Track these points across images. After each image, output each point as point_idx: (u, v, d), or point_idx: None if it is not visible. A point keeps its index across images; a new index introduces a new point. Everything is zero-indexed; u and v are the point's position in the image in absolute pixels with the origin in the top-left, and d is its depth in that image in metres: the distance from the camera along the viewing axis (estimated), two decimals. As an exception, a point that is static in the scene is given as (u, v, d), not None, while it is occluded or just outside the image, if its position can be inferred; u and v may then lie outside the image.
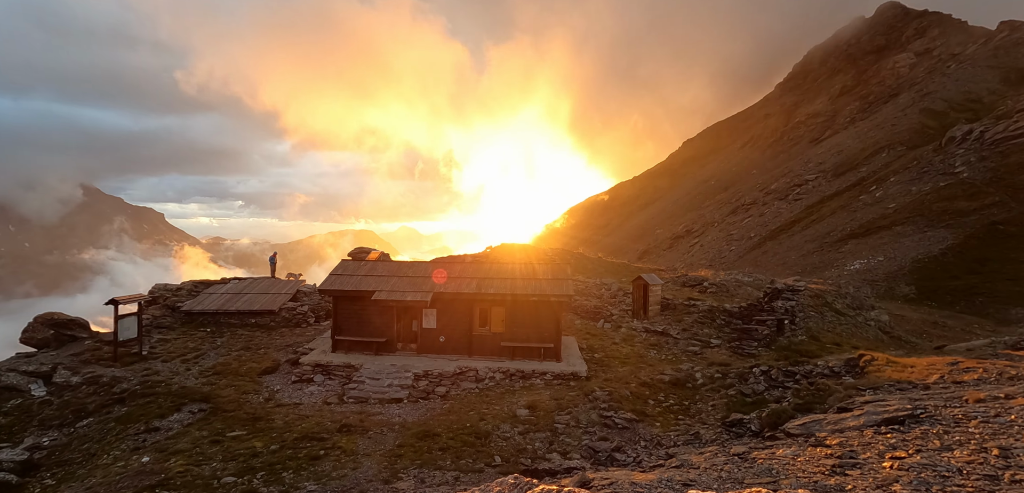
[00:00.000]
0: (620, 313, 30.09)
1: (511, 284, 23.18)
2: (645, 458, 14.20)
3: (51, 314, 24.64)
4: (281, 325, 28.05)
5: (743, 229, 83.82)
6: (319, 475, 13.71)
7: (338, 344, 23.15)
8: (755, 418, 15.32)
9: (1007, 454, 7.16)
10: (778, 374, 19.47)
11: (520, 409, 17.87)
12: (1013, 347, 22.68)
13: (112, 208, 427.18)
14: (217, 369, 21.73)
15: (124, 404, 18.27)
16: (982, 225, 52.98)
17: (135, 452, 15.43)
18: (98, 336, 24.60)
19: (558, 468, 13.98)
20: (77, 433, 16.96)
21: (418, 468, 14.08)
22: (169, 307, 28.79)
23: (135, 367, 21.38)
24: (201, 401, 18.33)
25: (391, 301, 22.47)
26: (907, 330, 32.59)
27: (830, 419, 10.93)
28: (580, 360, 22.55)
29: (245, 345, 24.91)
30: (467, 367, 21.17)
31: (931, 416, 9.81)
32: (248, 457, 14.61)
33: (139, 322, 23.26)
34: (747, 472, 7.89)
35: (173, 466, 14.19)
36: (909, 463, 7.15)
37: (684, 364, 22.23)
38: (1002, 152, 65.06)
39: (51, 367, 20.44)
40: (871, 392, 14.46)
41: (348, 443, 15.43)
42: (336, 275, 24.56)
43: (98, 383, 19.53)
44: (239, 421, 16.99)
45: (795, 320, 26.36)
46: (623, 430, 16.67)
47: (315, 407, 18.53)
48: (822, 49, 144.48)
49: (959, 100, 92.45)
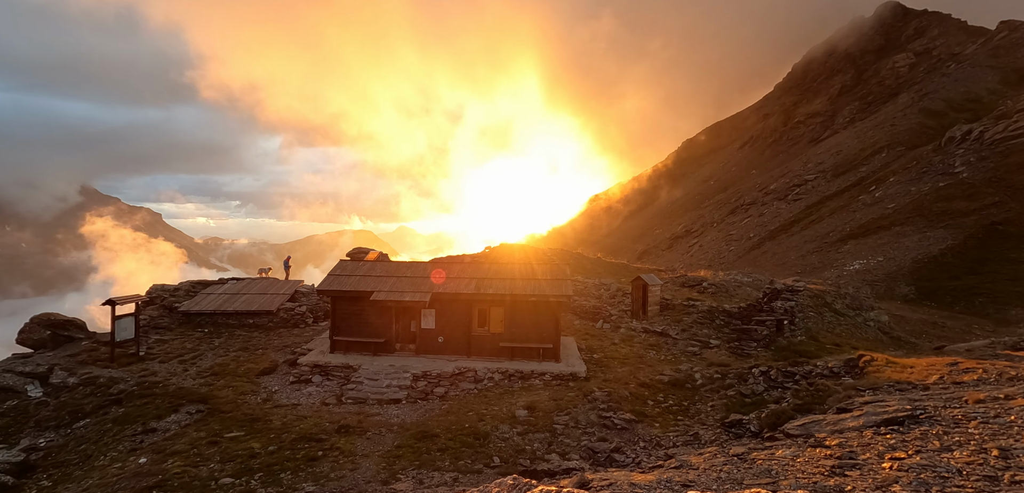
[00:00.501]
0: (619, 313, 30.05)
1: (510, 284, 23.13)
2: (644, 459, 14.16)
3: (48, 315, 24.62)
4: (279, 325, 27.98)
5: (742, 229, 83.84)
6: (317, 476, 13.67)
7: (336, 345, 23.09)
8: (754, 419, 15.30)
9: (1007, 455, 7.14)
10: (777, 375, 19.43)
11: (519, 410, 17.82)
12: (1013, 348, 22.65)
13: (109, 208, 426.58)
14: (215, 370, 21.67)
15: (121, 405, 18.22)
16: (982, 225, 52.99)
17: (132, 453, 15.38)
18: (95, 337, 24.56)
19: (557, 469, 13.93)
20: (74, 434, 16.90)
21: (417, 469, 14.04)
22: (166, 307, 28.72)
23: (132, 368, 21.34)
24: (199, 402, 18.27)
25: (389, 301, 22.42)
26: (906, 331, 32.56)
27: (829, 420, 10.91)
28: (579, 361, 22.51)
29: (243, 346, 24.86)
30: (466, 368, 21.12)
31: (931, 417, 9.77)
32: (246, 458, 14.57)
33: (136, 323, 23.21)
34: (746, 473, 7.86)
35: (170, 467, 14.14)
36: (909, 464, 7.12)
37: (683, 365, 22.19)
38: (1002, 152, 65.10)
39: (48, 368, 20.39)
40: (870, 393, 14.42)
41: (346, 444, 15.39)
42: (334, 275, 24.50)
43: (95, 384, 19.47)
44: (237, 422, 16.93)
45: (794, 321, 26.33)
46: (622, 431, 16.62)
47: (313, 408, 18.48)
48: (821, 49, 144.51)
49: (958, 100, 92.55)
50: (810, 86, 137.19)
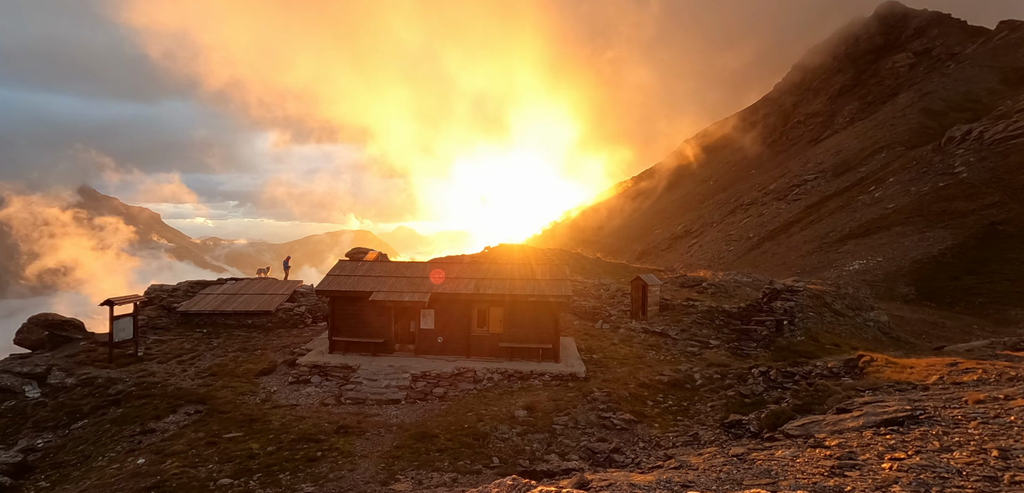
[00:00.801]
0: (619, 314, 30.02)
1: (509, 284, 23.09)
2: (644, 459, 14.12)
3: (46, 315, 24.55)
4: (278, 326, 27.93)
5: (742, 229, 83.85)
6: (316, 477, 13.63)
7: (335, 345, 23.04)
8: (754, 419, 15.26)
9: (1007, 455, 7.12)
10: (777, 375, 19.39)
11: (518, 410, 17.77)
12: (1013, 348, 22.65)
13: (108, 208, 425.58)
14: (213, 370, 21.61)
15: (119, 406, 18.16)
16: (981, 225, 52.97)
17: (130, 454, 15.33)
18: (93, 337, 24.47)
19: (556, 469, 13.91)
20: (72, 435, 16.86)
21: (416, 469, 14.00)
22: (165, 308, 28.64)
23: (130, 368, 21.27)
24: (197, 402, 18.22)
25: (389, 302, 22.37)
26: (906, 331, 32.55)
27: (829, 420, 10.89)
28: (578, 361, 22.47)
29: (242, 346, 24.81)
30: (465, 368, 21.07)
31: (930, 417, 9.76)
32: (245, 459, 14.53)
33: (135, 323, 23.16)
34: (746, 473, 7.84)
35: (169, 468, 14.09)
36: (908, 464, 7.11)
37: (683, 365, 22.15)
38: (1001, 152, 65.13)
39: (45, 368, 20.33)
40: (870, 393, 14.40)
41: (345, 444, 15.35)
42: (333, 276, 24.46)
43: (93, 384, 19.42)
44: (235, 422, 16.88)
45: (794, 321, 26.30)
46: (621, 431, 16.58)
47: (312, 408, 18.44)
48: (821, 49, 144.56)
49: (958, 100, 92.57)
50: (810, 86, 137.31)
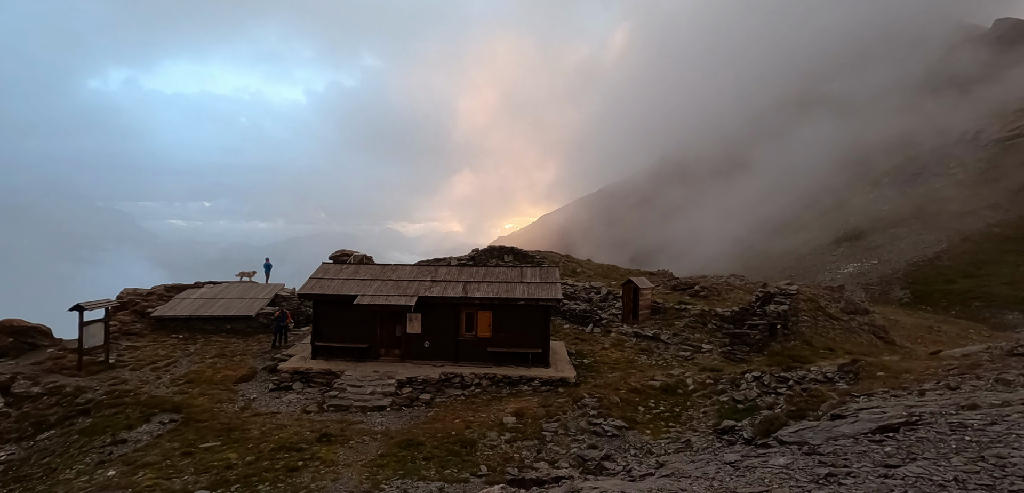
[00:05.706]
0: (610, 318, 29.67)
1: (498, 288, 22.72)
2: (635, 467, 13.77)
3: (10, 321, 23.25)
4: (258, 331, 27.37)
5: (736, 231, 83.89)
6: (297, 487, 13.34)
7: (319, 350, 22.60)
8: (747, 425, 15.11)
9: (1003, 462, 6.99)
10: (771, 380, 19.10)
11: (507, 416, 17.52)
12: (1009, 353, 22.38)
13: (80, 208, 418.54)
14: (190, 377, 21.14)
15: (89, 415, 17.63)
16: (977, 228, 53.05)
17: (100, 466, 14.85)
18: (61, 344, 23.46)
19: (546, 477, 13.49)
20: (37, 446, 16.27)
21: (401, 478, 13.73)
22: (139, 312, 27.88)
23: (101, 376, 20.68)
24: (172, 411, 17.79)
25: (374, 306, 21.94)
26: (902, 335, 32.36)
27: (824, 426, 10.68)
28: (569, 366, 22.11)
29: (220, 352, 24.30)
30: (452, 373, 20.71)
31: (926, 423, 9.49)
32: (222, 469, 14.20)
33: (106, 328, 22.50)
34: (739, 481, 7.75)
35: (141, 480, 13.72)
36: (904, 471, 7.03)
37: (675, 370, 21.82)
38: (999, 152, 65.47)
39: (10, 377, 19.46)
40: (865, 398, 14.17)
41: (328, 453, 15.08)
42: (316, 279, 23.99)
43: (61, 393, 18.73)
44: (213, 431, 16.52)
45: (788, 325, 25.99)
46: (613, 438, 16.27)
47: (293, 416, 18.11)
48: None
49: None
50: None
